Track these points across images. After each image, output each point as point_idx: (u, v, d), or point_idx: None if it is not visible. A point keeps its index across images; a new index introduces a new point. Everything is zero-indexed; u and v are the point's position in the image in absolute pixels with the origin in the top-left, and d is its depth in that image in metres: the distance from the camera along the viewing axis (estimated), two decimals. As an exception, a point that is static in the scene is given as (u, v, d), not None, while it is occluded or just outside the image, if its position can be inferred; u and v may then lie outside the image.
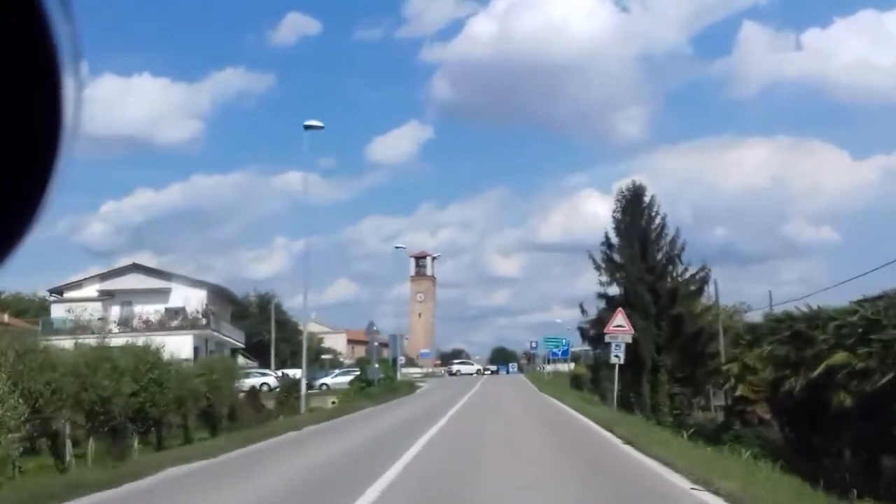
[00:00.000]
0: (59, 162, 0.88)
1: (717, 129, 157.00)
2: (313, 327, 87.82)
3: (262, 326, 61.34)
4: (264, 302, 64.90)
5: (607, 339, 24.36)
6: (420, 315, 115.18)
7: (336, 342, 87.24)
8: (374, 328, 32.60)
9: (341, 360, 77.95)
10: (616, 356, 23.35)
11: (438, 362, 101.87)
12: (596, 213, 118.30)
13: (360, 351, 69.33)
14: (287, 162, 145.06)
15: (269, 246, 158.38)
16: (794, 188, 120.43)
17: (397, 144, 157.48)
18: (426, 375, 79.29)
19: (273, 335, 59.37)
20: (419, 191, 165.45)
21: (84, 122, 0.90)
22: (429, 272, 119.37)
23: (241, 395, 31.06)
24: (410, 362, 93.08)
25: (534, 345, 77.71)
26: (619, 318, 23.81)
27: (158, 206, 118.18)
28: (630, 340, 24.24)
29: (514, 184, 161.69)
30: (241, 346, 52.62)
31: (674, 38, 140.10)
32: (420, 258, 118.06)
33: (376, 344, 32.85)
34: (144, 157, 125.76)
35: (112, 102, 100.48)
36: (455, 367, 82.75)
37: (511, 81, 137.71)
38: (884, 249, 76.28)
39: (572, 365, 63.83)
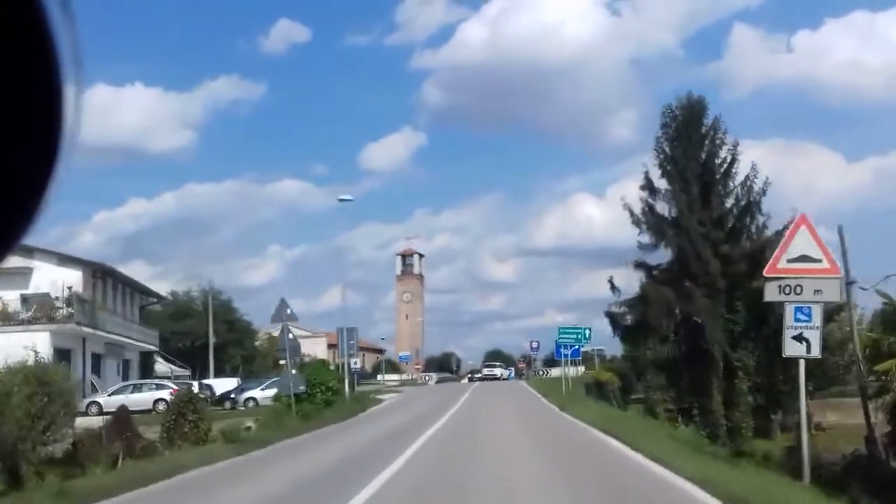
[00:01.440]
0: (59, 167, 0.86)
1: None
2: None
3: (207, 327, 49.84)
4: (207, 298, 53.04)
5: (771, 294, 9.52)
6: (407, 317, 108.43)
7: (315, 347, 78.67)
8: (288, 310, 19.70)
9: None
10: (800, 339, 8.79)
11: (419, 366, 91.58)
12: (590, 216, 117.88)
13: (343, 355, 58.64)
14: (281, 170, 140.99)
15: (262, 255, 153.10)
16: (787, 190, 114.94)
17: (390, 151, 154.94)
18: (403, 383, 67.72)
19: (211, 338, 47.58)
20: (413, 197, 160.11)
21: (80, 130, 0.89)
22: (416, 271, 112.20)
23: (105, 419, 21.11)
24: (394, 368, 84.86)
25: (535, 345, 65.71)
26: (804, 238, 8.33)
27: (151, 215, 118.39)
28: (836, 297, 9.57)
29: (508, 188, 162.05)
30: (154, 348, 40.69)
31: (665, 41, 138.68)
32: (406, 256, 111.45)
33: (291, 336, 20.06)
34: (137, 167, 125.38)
35: (105, 112, 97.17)
36: (498, 371, 72.15)
37: (503, 86, 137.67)
38: (879, 249, 67.73)
39: (582, 368, 51.26)
